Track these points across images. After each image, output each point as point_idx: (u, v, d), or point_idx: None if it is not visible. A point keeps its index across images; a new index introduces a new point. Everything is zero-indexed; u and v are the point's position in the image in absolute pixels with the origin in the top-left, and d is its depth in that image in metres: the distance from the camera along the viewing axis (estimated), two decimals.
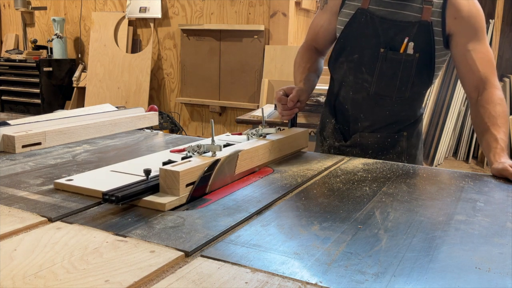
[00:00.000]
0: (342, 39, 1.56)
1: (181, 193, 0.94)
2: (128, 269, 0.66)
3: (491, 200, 1.04)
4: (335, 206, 0.97)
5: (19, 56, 5.54)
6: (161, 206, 0.90)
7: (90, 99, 5.18)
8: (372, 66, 1.51)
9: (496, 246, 0.79)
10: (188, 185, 0.95)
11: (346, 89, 1.59)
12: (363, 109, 1.57)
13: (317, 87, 2.04)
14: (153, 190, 0.94)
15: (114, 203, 0.87)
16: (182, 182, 0.93)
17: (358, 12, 1.50)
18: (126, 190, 0.90)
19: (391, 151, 1.58)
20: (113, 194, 0.88)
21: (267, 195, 1.01)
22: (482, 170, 4.31)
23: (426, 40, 1.45)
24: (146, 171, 0.97)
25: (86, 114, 1.62)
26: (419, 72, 1.49)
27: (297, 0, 4.56)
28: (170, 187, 0.94)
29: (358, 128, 1.59)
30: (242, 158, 1.12)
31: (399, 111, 1.55)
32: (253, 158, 1.17)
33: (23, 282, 0.62)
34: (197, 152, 1.05)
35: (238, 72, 4.67)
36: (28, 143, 1.35)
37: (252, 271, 0.68)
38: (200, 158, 1.03)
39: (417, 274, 0.68)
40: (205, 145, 1.06)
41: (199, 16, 4.87)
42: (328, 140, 1.66)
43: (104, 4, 5.38)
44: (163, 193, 0.94)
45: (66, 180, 1.02)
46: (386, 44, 1.47)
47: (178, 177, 0.92)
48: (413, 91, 1.52)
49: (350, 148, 1.60)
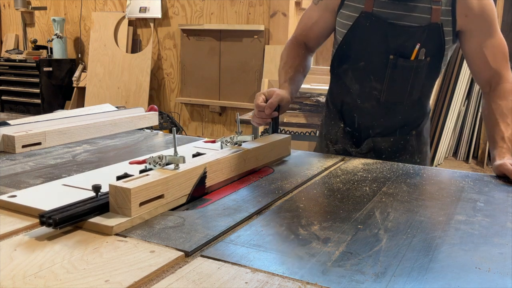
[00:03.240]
0: (345, 45, 1.48)
1: (134, 213, 0.82)
2: (128, 269, 0.66)
3: (491, 200, 1.04)
4: (335, 206, 0.97)
5: (19, 56, 5.54)
6: (107, 229, 0.78)
7: (90, 99, 5.18)
8: (380, 73, 1.44)
9: (496, 246, 0.79)
10: (142, 204, 0.84)
11: (352, 98, 1.52)
12: (374, 117, 1.51)
13: (317, 87, 2.04)
14: (102, 210, 0.83)
15: (51, 226, 0.76)
16: (134, 201, 0.82)
17: (362, 15, 1.41)
18: (67, 211, 0.78)
19: (403, 152, 1.54)
20: (50, 216, 0.76)
21: (267, 195, 1.01)
22: (482, 170, 4.31)
23: (437, 43, 1.40)
24: (95, 187, 0.85)
25: (86, 114, 1.62)
26: (429, 74, 1.45)
27: (297, 0, 4.56)
28: (121, 206, 0.82)
29: (370, 134, 1.53)
30: (211, 170, 1.01)
31: (411, 112, 1.51)
32: (223, 170, 1.06)
33: (23, 282, 0.62)
34: (159, 164, 0.93)
35: (238, 72, 4.67)
36: (28, 143, 1.35)
37: (252, 271, 0.68)
38: (160, 171, 0.91)
39: (417, 274, 0.68)
40: (167, 156, 0.94)
41: (199, 16, 4.87)
42: (338, 144, 1.58)
43: (104, 4, 5.38)
44: (114, 213, 0.83)
45: (8, 196, 0.90)
46: (395, 51, 1.41)
47: (129, 195, 0.81)
48: (423, 91, 1.49)
49: (364, 154, 1.53)
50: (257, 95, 1.37)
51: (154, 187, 0.86)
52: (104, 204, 0.83)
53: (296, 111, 2.93)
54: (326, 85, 1.73)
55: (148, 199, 0.85)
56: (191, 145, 1.36)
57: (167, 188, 0.89)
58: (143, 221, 0.84)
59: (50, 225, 0.76)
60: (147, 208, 0.85)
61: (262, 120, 1.39)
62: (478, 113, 4.44)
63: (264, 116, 1.36)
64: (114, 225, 0.78)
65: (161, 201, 0.88)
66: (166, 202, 0.90)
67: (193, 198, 0.97)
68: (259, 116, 1.37)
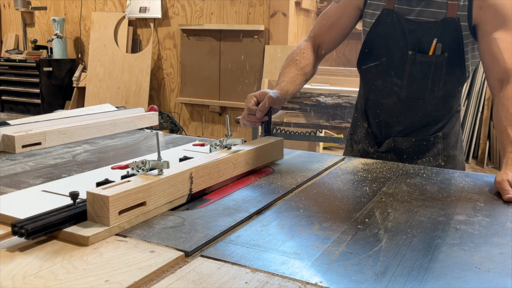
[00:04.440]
0: (368, 41, 1.49)
1: (112, 222, 0.77)
2: (128, 269, 0.66)
3: (491, 200, 1.04)
4: (335, 206, 0.97)
5: (19, 56, 5.54)
6: (83, 239, 0.74)
7: (90, 99, 5.18)
8: (401, 69, 1.44)
9: (496, 246, 0.79)
10: (122, 212, 0.79)
11: (376, 94, 1.52)
12: (395, 114, 1.50)
13: (317, 87, 2.04)
14: (80, 219, 0.79)
15: (24, 237, 0.71)
16: (113, 209, 0.77)
17: (384, 12, 1.44)
18: (41, 220, 0.74)
19: (426, 154, 1.50)
20: (22, 226, 0.71)
21: (267, 195, 1.01)
22: (482, 170, 4.31)
23: (454, 38, 1.38)
24: (72, 194, 0.81)
25: (86, 114, 1.62)
26: (450, 70, 1.42)
27: (297, 0, 4.56)
28: (99, 215, 0.78)
29: (391, 133, 1.52)
30: (198, 175, 0.97)
31: (433, 111, 1.48)
32: (211, 174, 1.01)
33: (23, 282, 0.62)
34: (142, 169, 0.89)
35: (238, 72, 4.67)
36: (28, 143, 1.35)
37: (252, 271, 0.68)
38: (143, 177, 0.87)
39: (417, 274, 0.68)
40: (150, 161, 0.90)
41: (199, 16, 4.87)
42: (360, 145, 1.58)
43: (104, 4, 5.38)
44: (92, 221, 0.79)
45: None
46: (413, 46, 1.41)
47: (107, 203, 0.76)
48: (447, 89, 1.45)
49: (385, 154, 1.52)
50: (249, 97, 1.33)
51: (135, 194, 0.81)
52: (82, 212, 0.79)
53: (296, 111, 2.93)
54: (326, 85, 1.73)
55: (128, 207, 0.80)
56: (180, 148, 1.32)
57: (149, 195, 0.85)
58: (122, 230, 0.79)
59: (22, 235, 0.71)
60: (127, 216, 0.80)
61: (252, 123, 1.34)
62: (478, 113, 4.44)
63: (255, 120, 1.32)
64: (90, 235, 0.74)
65: (143, 208, 0.84)
66: (148, 210, 0.85)
67: (193, 198, 0.97)
68: (249, 120, 1.33)
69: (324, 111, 2.84)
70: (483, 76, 4.31)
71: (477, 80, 4.39)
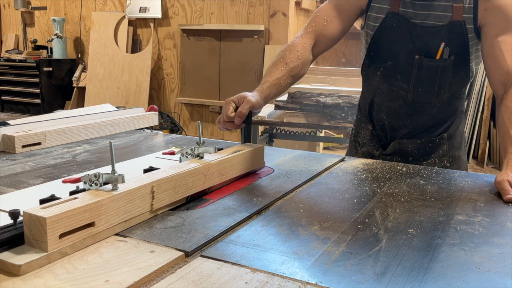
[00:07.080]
0: (373, 44, 1.48)
1: (52, 247, 0.67)
2: (128, 269, 0.66)
3: (491, 200, 1.04)
4: (335, 206, 0.97)
5: (19, 56, 5.54)
6: (14, 268, 0.64)
7: (90, 99, 5.18)
8: (407, 73, 1.43)
9: (496, 246, 0.79)
10: (62, 236, 0.68)
11: (381, 97, 1.51)
12: (401, 117, 1.49)
13: (317, 87, 2.03)
14: (18, 242, 0.69)
15: None
16: (51, 232, 0.67)
17: (389, 16, 1.42)
18: None
19: (432, 155, 1.50)
20: None
21: (267, 195, 1.01)
22: (482, 170, 4.32)
23: (460, 41, 1.38)
24: (12, 213, 0.71)
25: (86, 114, 1.62)
26: (456, 72, 1.42)
27: (297, 0, 4.56)
28: (36, 239, 0.67)
29: (397, 135, 1.51)
30: (160, 189, 0.87)
31: (439, 113, 1.47)
32: (177, 188, 0.91)
33: (23, 282, 0.62)
34: (95, 183, 0.79)
35: (238, 72, 4.67)
36: (28, 143, 1.35)
37: (252, 271, 0.68)
38: (92, 194, 0.76)
39: (417, 274, 0.68)
40: (103, 174, 0.80)
41: (199, 16, 4.87)
42: (365, 147, 1.57)
43: (104, 4, 5.38)
44: (29, 246, 0.68)
45: None
46: (420, 51, 1.40)
47: (45, 226, 0.66)
48: (452, 91, 1.45)
49: (390, 156, 1.51)
50: (226, 102, 1.21)
51: (80, 214, 0.71)
52: (21, 234, 0.69)
53: (296, 111, 2.93)
54: (326, 85, 1.72)
55: (72, 229, 0.70)
56: (153, 155, 1.24)
57: (99, 214, 0.74)
58: (63, 256, 0.69)
59: None
60: (70, 240, 0.70)
61: (229, 130, 1.25)
62: (478, 113, 4.44)
63: (233, 127, 1.23)
64: (22, 264, 0.64)
65: (91, 230, 0.73)
66: (97, 232, 0.75)
67: (193, 198, 0.97)
68: (226, 127, 1.23)
69: (324, 111, 2.84)
70: (483, 76, 4.31)
71: (477, 80, 4.38)
